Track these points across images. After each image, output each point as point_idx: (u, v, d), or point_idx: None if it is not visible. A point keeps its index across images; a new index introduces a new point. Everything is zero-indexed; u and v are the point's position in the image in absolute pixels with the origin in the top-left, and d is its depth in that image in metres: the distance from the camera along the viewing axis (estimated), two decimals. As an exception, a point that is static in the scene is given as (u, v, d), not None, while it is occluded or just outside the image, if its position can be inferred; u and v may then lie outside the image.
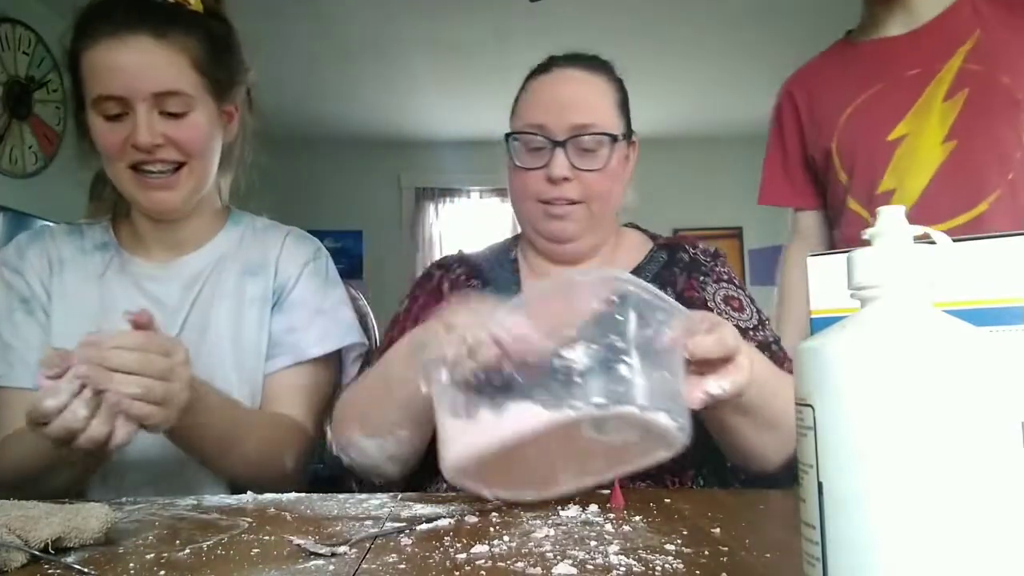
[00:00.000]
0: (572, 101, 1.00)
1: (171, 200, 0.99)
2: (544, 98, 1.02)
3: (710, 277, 1.03)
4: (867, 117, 1.38)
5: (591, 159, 0.99)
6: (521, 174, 1.02)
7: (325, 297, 1.07)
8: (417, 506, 0.71)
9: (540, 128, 0.99)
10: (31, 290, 1.02)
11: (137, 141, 0.93)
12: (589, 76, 1.03)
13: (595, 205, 1.01)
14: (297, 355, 1.03)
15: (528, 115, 1.02)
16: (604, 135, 0.99)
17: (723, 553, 0.54)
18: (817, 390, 0.36)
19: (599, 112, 1.01)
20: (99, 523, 0.57)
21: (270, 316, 1.04)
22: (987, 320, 0.46)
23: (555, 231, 1.02)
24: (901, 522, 0.33)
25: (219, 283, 1.04)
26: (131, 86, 0.92)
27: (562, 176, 0.98)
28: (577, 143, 0.99)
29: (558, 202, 1.01)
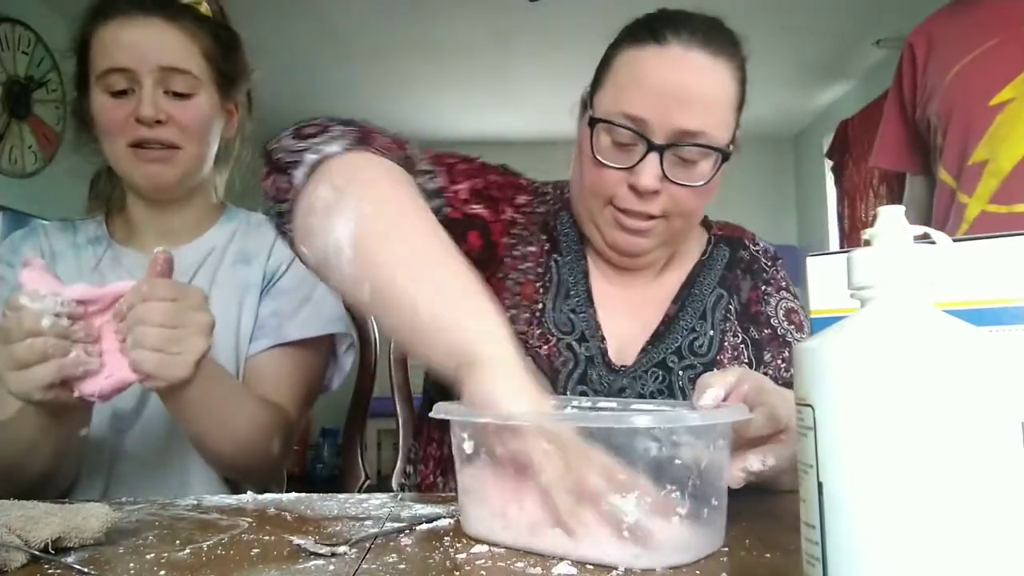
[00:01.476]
0: (684, 97, 0.79)
1: (166, 175, 1.00)
2: (648, 83, 0.80)
3: (772, 286, 0.94)
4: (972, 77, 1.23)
5: (689, 172, 0.82)
6: (598, 170, 0.83)
7: (313, 286, 1.07)
8: (417, 506, 0.71)
9: (636, 122, 0.80)
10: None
11: (141, 114, 0.95)
12: (713, 63, 0.80)
13: (678, 221, 0.86)
14: (278, 337, 1.03)
15: (623, 100, 0.81)
16: (713, 149, 0.81)
17: (723, 553, 0.54)
18: (817, 390, 0.36)
19: (714, 116, 0.81)
20: (99, 523, 0.56)
21: (259, 300, 1.05)
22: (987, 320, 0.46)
23: (624, 245, 0.87)
24: (901, 522, 0.33)
25: (211, 273, 1.05)
26: (138, 58, 0.95)
27: (652, 189, 0.81)
28: (678, 151, 0.80)
29: (636, 215, 0.84)
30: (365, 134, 0.74)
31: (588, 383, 0.86)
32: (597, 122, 0.83)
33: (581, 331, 0.88)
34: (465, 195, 0.86)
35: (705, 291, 0.93)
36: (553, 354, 0.86)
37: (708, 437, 0.53)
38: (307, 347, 1.05)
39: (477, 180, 0.88)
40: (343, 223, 0.64)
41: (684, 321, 0.91)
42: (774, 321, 0.92)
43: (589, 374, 0.86)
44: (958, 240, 0.45)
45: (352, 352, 1.13)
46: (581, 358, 0.86)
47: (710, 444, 0.53)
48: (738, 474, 0.57)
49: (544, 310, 0.88)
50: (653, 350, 0.89)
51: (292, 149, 0.70)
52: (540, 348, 0.86)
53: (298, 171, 0.69)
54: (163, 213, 1.06)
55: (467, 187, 0.86)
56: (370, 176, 0.70)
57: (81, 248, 1.06)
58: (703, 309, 0.92)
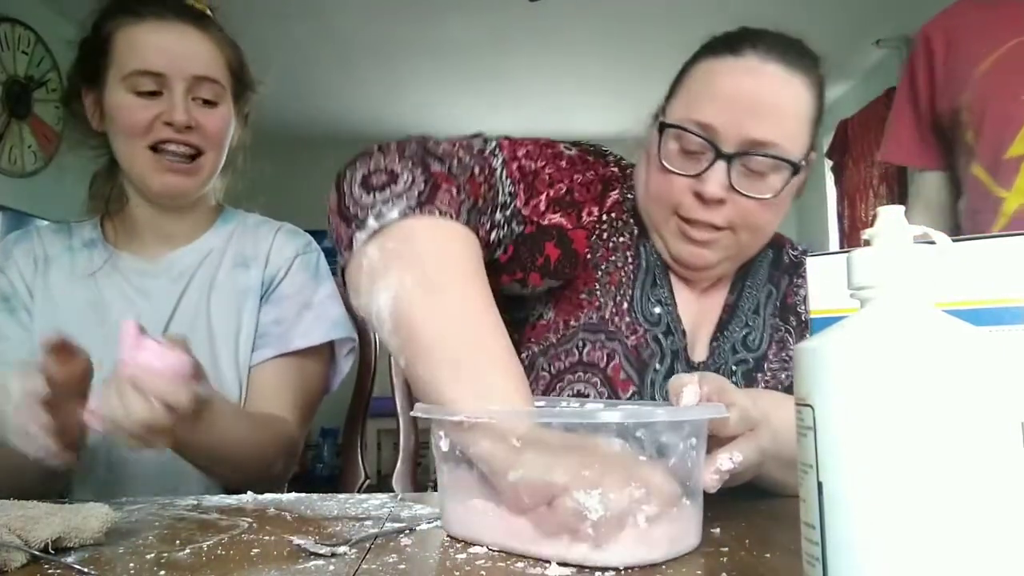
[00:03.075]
0: (757, 106, 0.78)
1: (185, 186, 1.01)
2: (721, 91, 0.80)
3: (803, 279, 0.93)
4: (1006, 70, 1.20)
5: (758, 184, 0.80)
6: (665, 176, 0.82)
7: (314, 291, 1.07)
8: (417, 506, 0.71)
9: (705, 128, 0.79)
10: (13, 288, 1.02)
11: (173, 118, 0.96)
12: (789, 75, 0.80)
13: (745, 235, 0.83)
14: (282, 347, 1.02)
15: (694, 107, 0.81)
16: (784, 161, 0.79)
17: (723, 553, 0.54)
18: (817, 390, 0.36)
19: (787, 127, 0.79)
20: (99, 523, 0.56)
21: (259, 307, 1.05)
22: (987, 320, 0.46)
23: (687, 256, 0.85)
24: (901, 522, 0.34)
25: (210, 276, 1.05)
26: (173, 65, 0.97)
27: (717, 197, 0.79)
28: (746, 161, 0.79)
29: (701, 226, 0.82)
30: (432, 190, 0.69)
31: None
32: (666, 127, 0.82)
33: (667, 323, 0.87)
34: (544, 206, 0.83)
35: (758, 284, 0.94)
36: (641, 345, 0.85)
37: (678, 434, 0.53)
38: (310, 355, 1.05)
39: (560, 185, 0.84)
40: (384, 292, 0.65)
41: (741, 313, 0.91)
42: (800, 308, 0.93)
43: (676, 368, 0.86)
44: (958, 240, 0.45)
45: (353, 355, 1.13)
46: (667, 352, 0.86)
47: (680, 441, 0.53)
48: (711, 477, 0.56)
49: (633, 297, 0.87)
50: (722, 341, 0.89)
51: (360, 203, 0.69)
52: (628, 339, 0.85)
53: (360, 234, 0.67)
54: (166, 216, 1.06)
55: (547, 197, 0.83)
56: (421, 245, 0.67)
57: (76, 252, 1.06)
58: (757, 303, 0.92)
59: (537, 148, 0.85)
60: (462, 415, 0.56)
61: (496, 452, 0.55)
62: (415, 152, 0.73)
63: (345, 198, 0.70)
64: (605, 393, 0.83)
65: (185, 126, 0.97)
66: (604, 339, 0.85)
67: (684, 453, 0.54)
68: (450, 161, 0.74)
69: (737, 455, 0.58)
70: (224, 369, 1.01)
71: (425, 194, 0.69)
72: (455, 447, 0.59)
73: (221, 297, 1.04)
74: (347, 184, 0.71)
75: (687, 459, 0.54)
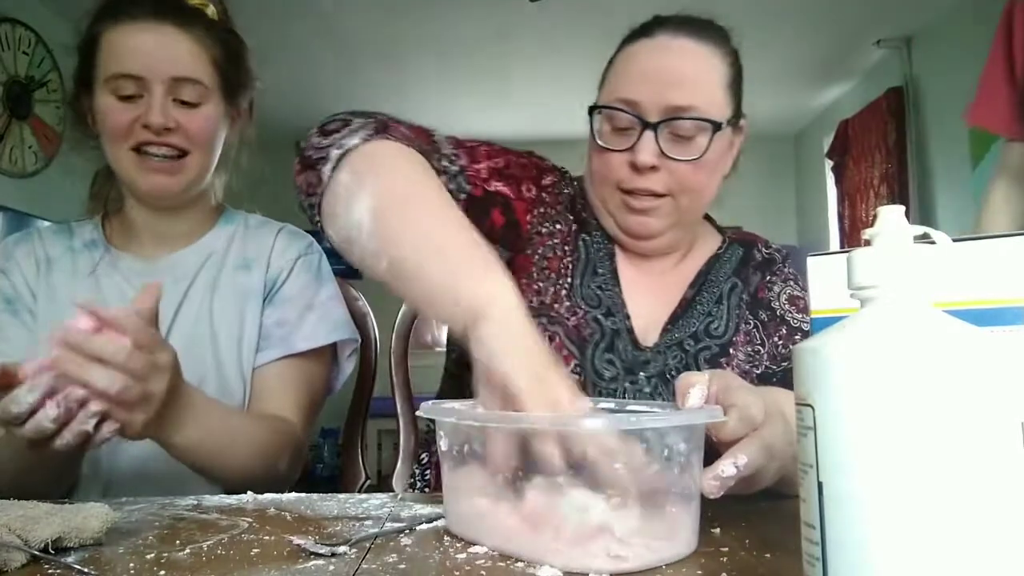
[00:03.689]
0: (672, 76, 0.85)
1: (170, 186, 1.00)
2: (639, 69, 0.87)
3: (778, 276, 0.98)
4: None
5: (686, 147, 0.86)
6: (602, 155, 0.89)
7: (316, 292, 1.07)
8: (417, 506, 0.71)
9: (630, 104, 0.86)
10: (16, 291, 1.02)
11: (149, 121, 0.95)
12: (697, 46, 0.87)
13: (684, 199, 0.89)
14: (286, 348, 1.02)
15: (618, 87, 0.88)
16: (705, 121, 0.85)
17: (723, 553, 0.54)
18: (817, 390, 0.36)
19: (703, 92, 0.86)
20: (99, 523, 0.56)
21: (262, 309, 1.04)
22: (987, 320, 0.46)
23: (634, 226, 0.91)
24: (900, 522, 0.34)
25: (212, 278, 1.05)
26: (151, 67, 0.96)
27: (649, 164, 0.85)
28: (671, 127, 0.85)
29: (641, 193, 0.88)
30: (384, 124, 0.79)
31: (615, 353, 0.89)
32: (595, 109, 0.90)
33: (607, 306, 0.92)
34: (486, 173, 0.90)
35: (720, 278, 0.97)
36: (581, 325, 0.90)
37: (660, 442, 0.52)
38: (313, 356, 1.05)
39: (498, 160, 0.93)
40: (362, 202, 0.69)
41: (701, 305, 0.95)
42: (775, 303, 0.96)
43: (616, 345, 0.89)
44: (958, 240, 0.45)
45: (355, 357, 1.13)
46: (607, 330, 0.90)
47: (663, 449, 0.52)
48: (711, 483, 0.55)
49: (572, 285, 0.92)
50: (674, 330, 0.92)
51: (318, 146, 0.76)
52: (568, 319, 0.90)
53: (325, 167, 0.74)
54: (162, 217, 1.06)
55: (488, 166, 0.91)
56: (387, 160, 0.75)
57: (77, 252, 1.05)
58: (719, 294, 0.96)
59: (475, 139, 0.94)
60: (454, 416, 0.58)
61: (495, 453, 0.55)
62: (363, 112, 0.82)
63: (305, 151, 0.77)
64: None
65: (163, 128, 0.96)
66: (547, 322, 0.89)
67: (672, 458, 0.52)
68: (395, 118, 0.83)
69: (742, 458, 0.56)
70: (228, 371, 1.01)
71: (380, 128, 0.77)
72: (453, 445, 0.59)
73: (223, 299, 1.04)
74: (305, 141, 0.78)
75: (675, 464, 0.52)
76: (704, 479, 0.55)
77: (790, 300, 0.96)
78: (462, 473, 0.59)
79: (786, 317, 0.95)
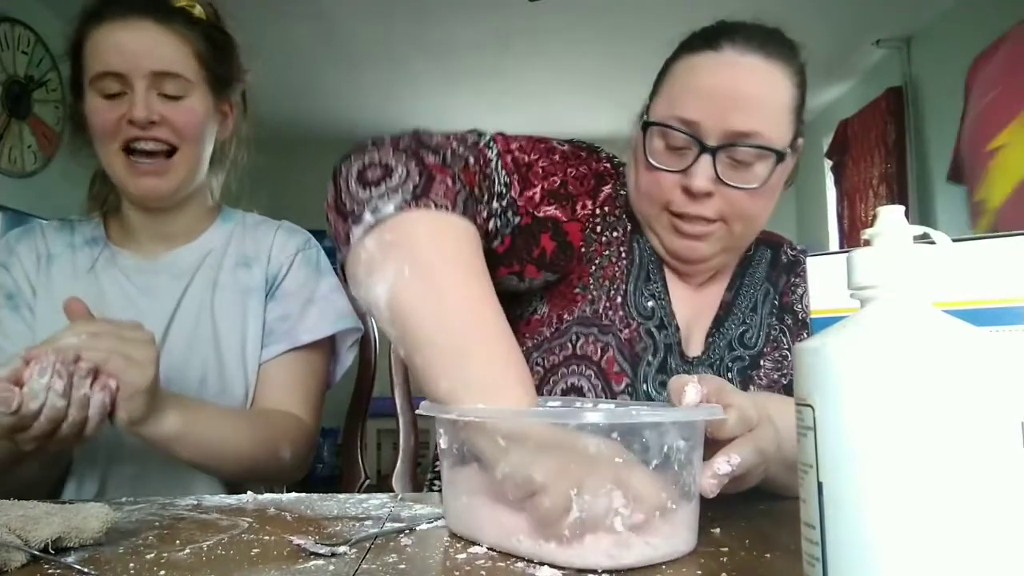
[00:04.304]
0: (738, 98, 0.79)
1: (161, 187, 1.00)
2: (702, 86, 0.81)
3: (801, 279, 0.95)
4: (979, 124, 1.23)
5: (745, 174, 0.81)
6: (652, 174, 0.84)
7: (316, 285, 1.07)
8: (417, 506, 0.71)
9: (689, 124, 0.80)
10: (17, 286, 1.02)
11: (133, 115, 0.95)
12: (767, 66, 0.81)
13: (738, 226, 0.84)
14: (290, 342, 1.03)
15: (678, 104, 0.82)
16: (768, 150, 0.80)
17: (723, 553, 0.54)
18: (817, 390, 0.36)
19: (768, 118, 0.80)
20: (99, 523, 0.56)
21: (264, 305, 1.05)
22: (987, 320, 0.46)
23: (682, 250, 0.86)
24: (900, 522, 0.34)
25: (212, 276, 1.05)
26: (131, 63, 0.95)
27: (704, 191, 0.80)
28: (731, 152, 0.80)
29: (692, 219, 0.83)
30: (427, 182, 0.70)
31: (667, 372, 0.86)
32: (650, 125, 0.84)
33: (660, 318, 0.88)
34: (539, 198, 0.84)
35: (756, 282, 0.95)
36: (634, 339, 0.86)
37: (663, 436, 0.52)
38: (315, 349, 1.05)
39: (555, 178, 0.85)
40: (382, 283, 0.65)
41: (738, 311, 0.92)
42: (798, 307, 0.94)
43: (668, 362, 0.86)
44: (958, 240, 0.45)
45: (355, 348, 1.13)
46: (660, 345, 0.87)
47: (665, 444, 0.52)
48: (708, 482, 0.55)
49: (627, 292, 0.88)
50: (717, 337, 0.90)
51: (355, 198, 0.69)
52: (621, 332, 0.86)
53: (356, 229, 0.68)
54: (158, 217, 1.06)
55: (542, 188, 0.84)
56: (417, 236, 0.68)
57: (78, 249, 1.06)
58: (754, 302, 0.94)
59: (530, 143, 0.86)
60: (454, 413, 0.57)
61: (486, 448, 0.56)
62: (409, 145, 0.73)
63: (341, 194, 0.70)
64: (599, 386, 0.83)
65: (148, 121, 0.95)
66: (598, 332, 0.85)
67: (671, 456, 0.52)
68: (444, 152, 0.75)
69: (735, 457, 0.56)
70: (230, 368, 1.01)
71: (420, 186, 0.69)
72: (453, 444, 0.59)
73: (225, 297, 1.04)
74: (343, 180, 0.71)
75: (674, 462, 0.53)
76: (703, 477, 0.56)
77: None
78: (462, 472, 0.59)
79: (806, 320, 0.94)
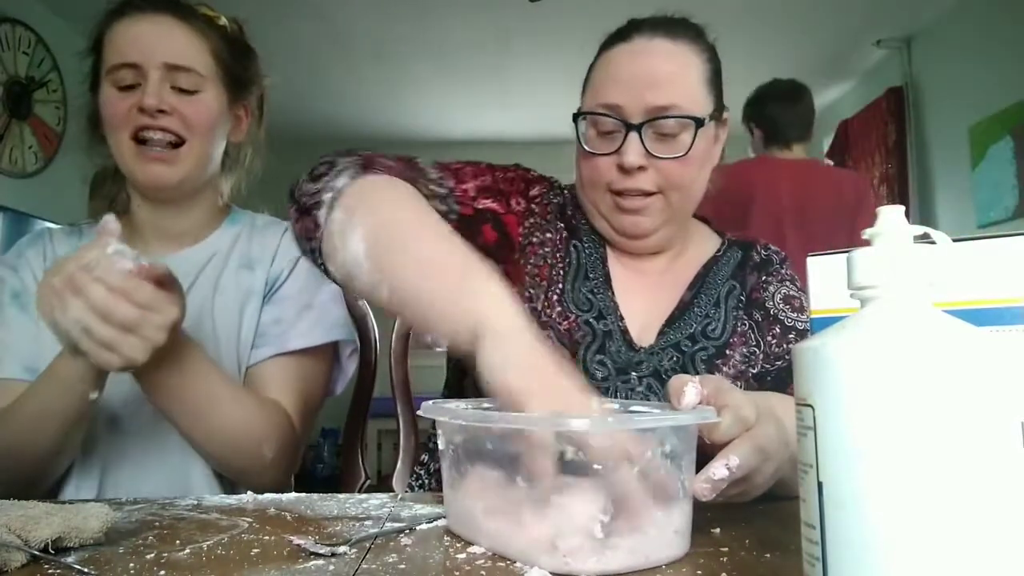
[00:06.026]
0: (651, 78, 0.87)
1: (168, 175, 1.00)
2: (619, 73, 0.89)
3: (774, 277, 0.98)
4: None
5: (671, 145, 0.88)
6: (590, 160, 0.91)
7: (316, 291, 1.07)
8: (417, 506, 0.71)
9: (613, 109, 0.88)
10: (23, 285, 1.03)
11: (144, 103, 0.96)
12: (673, 47, 0.89)
13: (674, 196, 0.91)
14: (279, 346, 1.02)
15: (600, 93, 0.90)
16: (687, 118, 0.87)
17: (723, 553, 0.54)
18: (817, 390, 0.36)
19: (683, 91, 0.88)
20: (99, 523, 0.57)
21: (261, 308, 1.04)
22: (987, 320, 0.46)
23: (627, 226, 0.92)
24: (901, 522, 0.34)
25: (215, 277, 1.05)
26: (146, 54, 0.97)
27: (636, 164, 0.87)
28: (655, 127, 0.87)
29: (631, 193, 0.90)
30: (368, 160, 0.81)
31: (607, 354, 0.90)
32: (579, 116, 0.92)
33: (599, 309, 0.93)
34: (474, 192, 0.92)
35: (719, 281, 0.98)
36: (572, 328, 0.91)
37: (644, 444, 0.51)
38: (310, 355, 1.04)
39: (484, 178, 0.95)
40: (356, 239, 0.71)
41: (698, 308, 0.95)
42: (768, 303, 0.96)
43: (608, 347, 0.90)
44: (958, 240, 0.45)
45: (356, 357, 1.12)
46: (599, 332, 0.91)
47: (648, 450, 0.51)
48: (702, 486, 0.55)
49: (563, 290, 0.93)
50: (670, 332, 0.93)
51: (310, 192, 0.77)
52: (560, 324, 0.91)
53: (320, 211, 0.76)
54: (166, 215, 1.06)
55: (474, 185, 0.93)
56: (376, 193, 0.77)
57: None
58: (717, 297, 0.96)
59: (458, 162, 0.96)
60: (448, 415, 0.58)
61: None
62: (347, 152, 0.84)
63: (299, 198, 0.79)
64: None
65: (157, 110, 0.96)
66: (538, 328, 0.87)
67: (654, 460, 0.52)
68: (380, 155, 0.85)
69: (734, 460, 0.56)
70: (226, 369, 1.01)
71: (365, 165, 0.80)
72: (450, 444, 0.60)
73: (225, 298, 1.04)
74: (296, 189, 0.80)
75: (659, 467, 0.52)
76: (695, 482, 0.55)
77: (785, 299, 0.97)
78: (461, 472, 0.59)
79: (779, 316, 0.95)
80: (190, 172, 1.02)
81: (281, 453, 0.96)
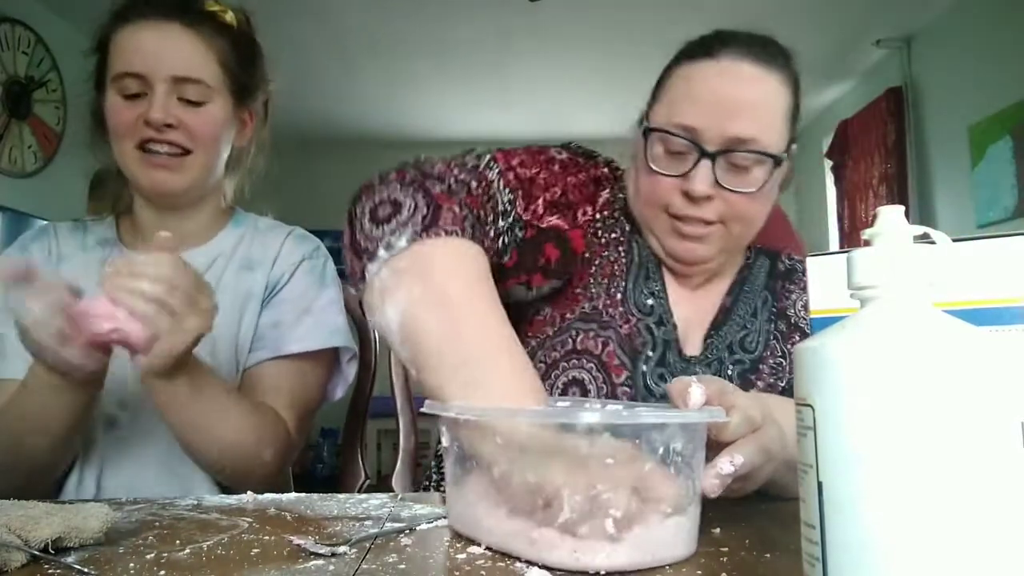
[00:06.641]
0: (735, 106, 0.82)
1: (173, 183, 1.00)
2: (701, 94, 0.84)
3: (797, 286, 0.97)
4: None
5: (743, 178, 0.84)
6: (653, 178, 0.86)
7: (316, 296, 1.06)
8: (417, 506, 0.71)
9: (688, 131, 0.83)
10: None
11: (150, 117, 0.95)
12: (763, 74, 0.84)
13: (736, 227, 0.87)
14: (275, 350, 1.01)
15: (677, 111, 0.84)
16: (765, 155, 0.83)
17: (723, 553, 0.54)
18: (817, 390, 0.36)
19: (765, 124, 0.83)
20: (99, 523, 0.56)
21: (260, 310, 1.04)
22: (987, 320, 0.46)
23: (681, 251, 0.88)
24: (901, 522, 0.34)
25: (218, 279, 1.04)
26: (152, 66, 0.96)
27: (704, 195, 0.83)
28: (729, 158, 0.83)
29: (692, 221, 0.86)
30: (435, 212, 0.72)
31: (666, 366, 0.88)
32: (651, 131, 0.86)
33: (659, 314, 0.90)
34: (542, 209, 0.86)
35: (755, 290, 0.96)
36: (633, 333, 0.88)
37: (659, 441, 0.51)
38: (307, 360, 1.03)
39: (555, 188, 0.88)
40: (393, 306, 0.68)
41: (738, 316, 0.93)
42: (790, 312, 0.95)
43: (667, 358, 0.88)
44: (958, 240, 0.45)
45: (355, 362, 1.11)
46: (659, 341, 0.88)
47: (659, 447, 0.52)
48: (711, 481, 0.56)
49: (626, 288, 0.90)
50: (715, 339, 0.91)
51: (369, 236, 0.72)
52: (621, 327, 0.88)
53: (372, 265, 0.71)
54: (168, 217, 1.05)
55: (544, 200, 0.87)
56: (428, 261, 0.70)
57: (89, 250, 1.06)
58: (754, 308, 0.95)
59: (530, 156, 0.89)
60: (453, 411, 0.58)
61: (484, 449, 0.56)
62: (415, 178, 0.76)
63: (356, 233, 0.73)
64: (600, 378, 0.85)
65: (164, 124, 0.96)
66: (598, 328, 0.87)
67: (672, 458, 0.52)
68: (448, 180, 0.78)
69: (738, 457, 0.57)
70: (224, 372, 1.01)
71: (429, 217, 0.72)
72: (454, 443, 0.60)
73: (225, 300, 1.03)
74: (357, 220, 0.74)
75: (671, 464, 0.52)
76: (704, 478, 0.56)
77: (806, 307, 0.95)
78: (464, 471, 0.59)
79: (800, 324, 0.94)
80: (195, 180, 1.01)
81: (277, 455, 0.96)
